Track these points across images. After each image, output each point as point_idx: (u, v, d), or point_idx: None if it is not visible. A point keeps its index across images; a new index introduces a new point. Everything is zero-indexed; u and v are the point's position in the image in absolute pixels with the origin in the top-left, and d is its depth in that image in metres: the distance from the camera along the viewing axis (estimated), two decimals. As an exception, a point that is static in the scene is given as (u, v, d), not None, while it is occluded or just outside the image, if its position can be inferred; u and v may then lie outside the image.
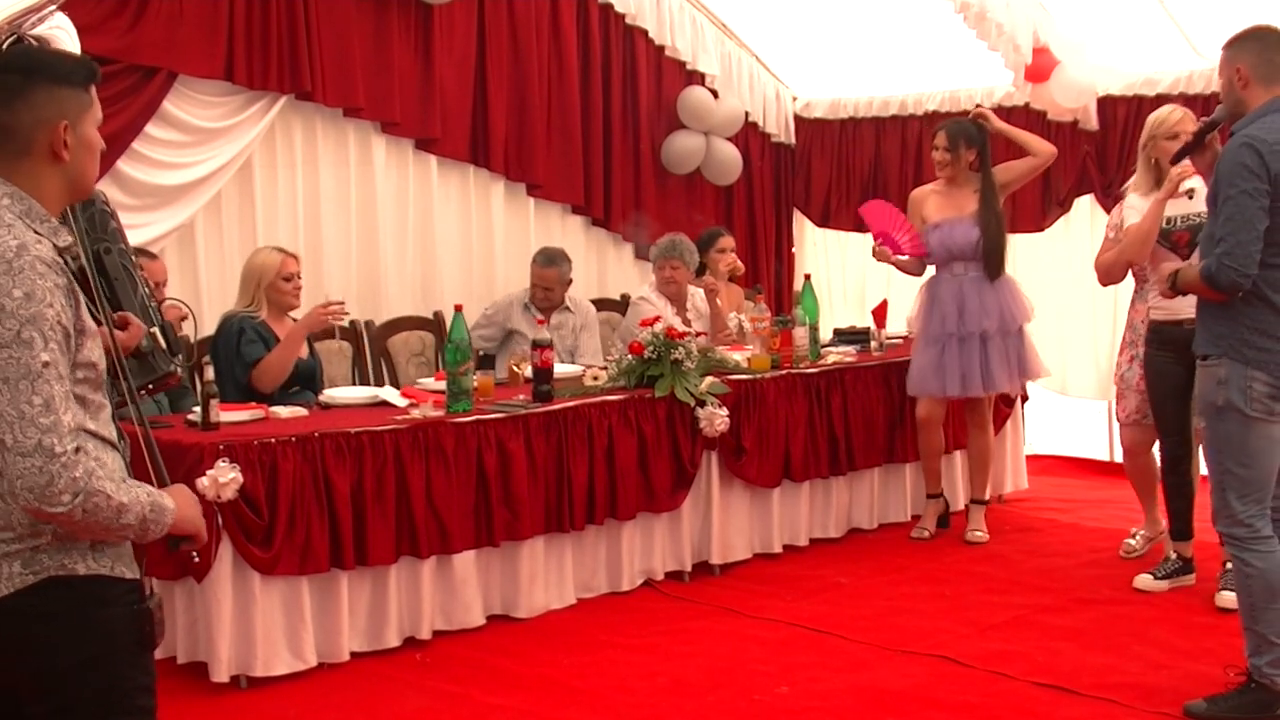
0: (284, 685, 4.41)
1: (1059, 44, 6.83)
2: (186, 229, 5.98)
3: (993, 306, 5.96)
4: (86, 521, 2.10)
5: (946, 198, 6.04)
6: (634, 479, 5.32)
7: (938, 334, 5.98)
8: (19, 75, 2.20)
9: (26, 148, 2.20)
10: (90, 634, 2.20)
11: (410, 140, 6.76)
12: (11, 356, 2.06)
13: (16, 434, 2.05)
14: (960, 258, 5.96)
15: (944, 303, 5.98)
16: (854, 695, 4.27)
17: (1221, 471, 3.90)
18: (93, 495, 2.08)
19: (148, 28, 5.61)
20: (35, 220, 2.19)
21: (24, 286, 2.07)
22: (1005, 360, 6.02)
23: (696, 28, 7.90)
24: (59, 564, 2.17)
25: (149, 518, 2.18)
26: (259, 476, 4.35)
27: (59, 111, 2.21)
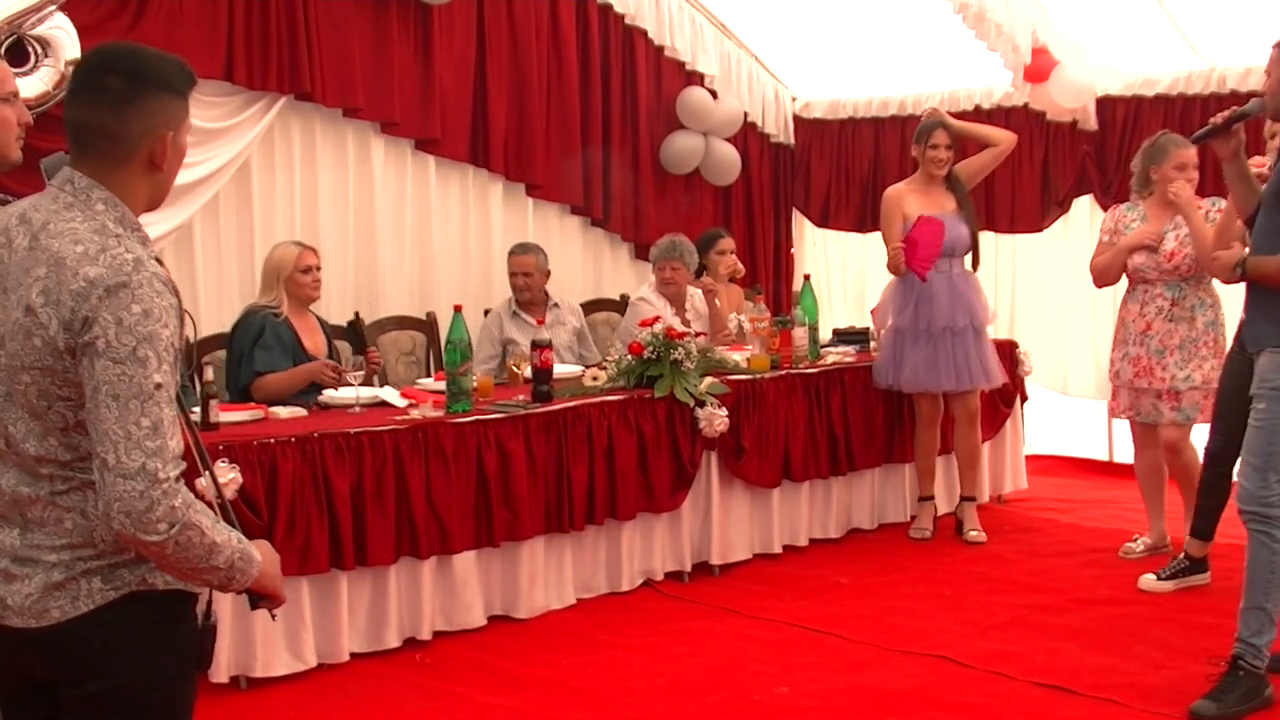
0: (283, 686, 4.41)
1: (1058, 44, 6.83)
2: (184, 230, 5.97)
3: (976, 302, 6.10)
4: (176, 555, 2.01)
5: (925, 196, 6.08)
6: (634, 479, 5.32)
7: (928, 329, 6.01)
8: (125, 79, 2.10)
9: (129, 156, 2.12)
10: (166, 650, 2.15)
11: (409, 140, 6.76)
12: (125, 374, 1.98)
13: (120, 455, 1.97)
14: (948, 254, 6.01)
15: (937, 297, 6.00)
16: (853, 695, 4.27)
17: (1270, 453, 3.93)
18: (188, 528, 2.00)
19: (147, 28, 5.61)
20: (128, 228, 2.10)
21: (143, 303, 2.00)
22: (988, 354, 6.15)
23: (696, 28, 7.90)
24: (139, 579, 2.11)
25: (237, 565, 2.09)
26: (258, 477, 4.34)
27: (166, 121, 2.13)
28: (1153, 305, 5.53)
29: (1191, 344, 5.45)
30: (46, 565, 2.09)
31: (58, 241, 2.05)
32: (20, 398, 2.08)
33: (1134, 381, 5.57)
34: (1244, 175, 4.22)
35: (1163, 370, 5.49)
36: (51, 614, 2.08)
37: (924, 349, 6.03)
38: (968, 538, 6.13)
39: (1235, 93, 6.53)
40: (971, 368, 6.06)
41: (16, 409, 2.09)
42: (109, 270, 2.00)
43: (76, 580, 2.08)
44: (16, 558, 2.11)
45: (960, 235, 6.02)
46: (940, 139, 6.09)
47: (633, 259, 7.87)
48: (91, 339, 1.99)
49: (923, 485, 6.33)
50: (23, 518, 2.11)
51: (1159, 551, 5.71)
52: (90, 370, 1.99)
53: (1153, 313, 5.53)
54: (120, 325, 1.99)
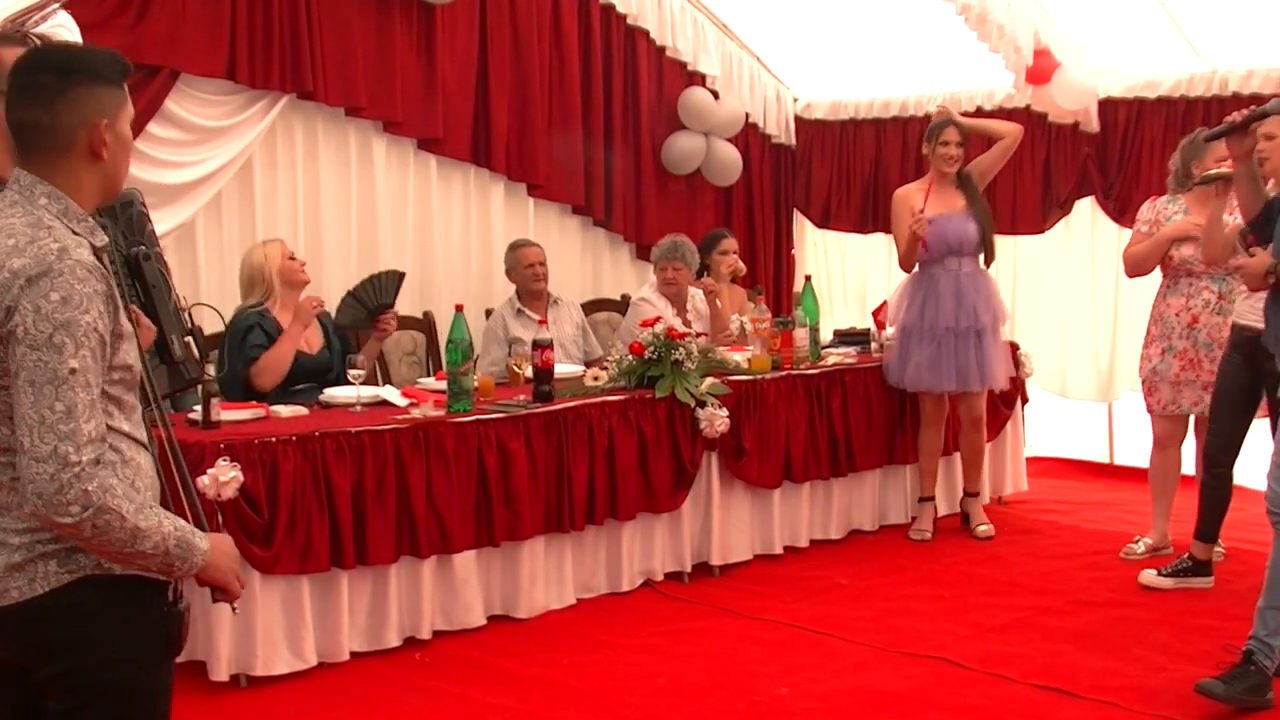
0: (284, 685, 4.41)
1: (1060, 46, 6.84)
2: (186, 228, 5.98)
3: (985, 302, 6.10)
4: (97, 539, 2.06)
5: (936, 195, 6.08)
6: (634, 479, 5.33)
7: (932, 329, 6.05)
8: (55, 74, 2.17)
9: (67, 147, 2.18)
10: (124, 634, 2.18)
11: (411, 140, 6.76)
12: (40, 360, 2.04)
13: (34, 439, 2.03)
14: (956, 252, 6.05)
15: (943, 297, 6.04)
16: (853, 696, 4.27)
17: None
18: (104, 512, 2.04)
19: (150, 26, 5.61)
20: (73, 220, 2.17)
21: (62, 290, 2.05)
22: (997, 355, 6.15)
23: (697, 28, 7.90)
24: (95, 563, 2.14)
25: (173, 552, 2.13)
26: (259, 475, 4.35)
27: (99, 109, 2.19)
28: (1199, 299, 5.50)
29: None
30: (10, 547, 2.14)
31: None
32: None
33: (1180, 375, 5.51)
34: (1253, 176, 4.22)
35: (1211, 364, 5.41)
36: (11, 595, 2.14)
37: (928, 348, 6.06)
38: (976, 533, 6.19)
39: (1237, 95, 6.53)
40: (973, 369, 6.07)
41: None
42: (32, 260, 2.07)
43: (34, 562, 2.13)
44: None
45: (968, 234, 6.04)
46: (950, 136, 6.11)
47: (633, 259, 7.88)
48: (13, 327, 2.06)
49: (924, 485, 6.34)
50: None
51: (1160, 553, 5.71)
52: (12, 357, 2.06)
53: (1199, 306, 5.49)
54: (38, 313, 2.05)
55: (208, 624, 4.32)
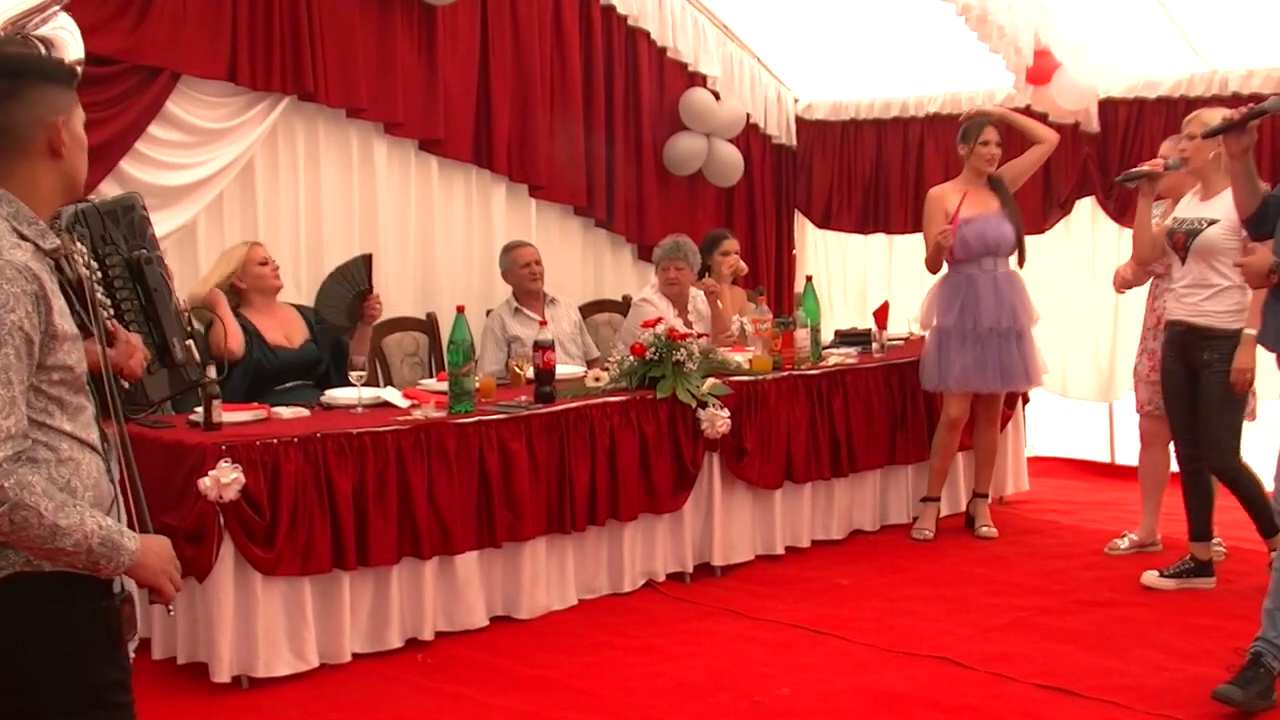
0: (285, 686, 4.41)
1: (1060, 46, 6.84)
2: (188, 229, 5.98)
3: (1024, 302, 6.15)
4: (15, 535, 2.07)
5: (971, 195, 6.08)
6: (636, 480, 5.33)
7: (975, 329, 6.04)
8: (7, 79, 2.20)
9: (25, 147, 2.21)
10: (56, 631, 2.18)
11: (413, 141, 6.76)
12: None
13: None
14: (993, 252, 6.06)
15: (983, 298, 6.05)
16: (855, 697, 4.27)
17: None
18: (20, 508, 2.04)
19: (151, 28, 5.61)
20: (23, 223, 2.19)
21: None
22: (1031, 355, 6.21)
23: (698, 29, 7.91)
24: (24, 560, 2.15)
25: (96, 550, 2.13)
26: (261, 477, 4.35)
27: (52, 108, 2.23)
28: (1163, 300, 5.54)
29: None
30: None
31: None
32: None
33: (1150, 375, 5.60)
34: (1249, 174, 4.19)
35: None
36: None
37: (972, 350, 6.06)
38: (979, 533, 6.20)
39: (1237, 95, 6.52)
40: (1018, 368, 6.14)
41: None
42: None
43: None
44: None
45: (1005, 235, 6.05)
46: (991, 135, 6.10)
47: (635, 260, 7.88)
48: None
49: (931, 485, 6.33)
50: None
51: (1147, 549, 5.75)
52: None
53: (1162, 307, 5.54)
54: None
55: (209, 625, 4.33)
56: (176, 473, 4.34)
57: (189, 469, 4.28)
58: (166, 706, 4.15)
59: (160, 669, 4.50)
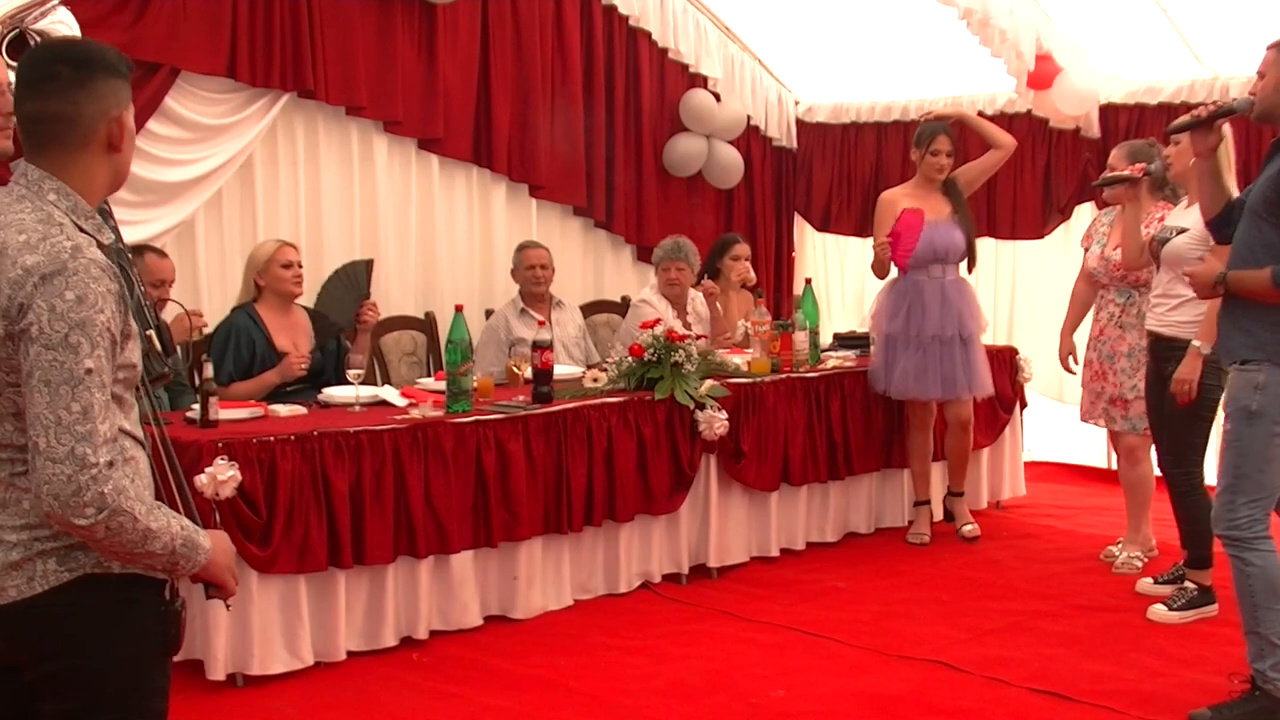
0: (280, 684, 4.41)
1: (1062, 51, 6.84)
2: (187, 226, 5.98)
3: (967, 310, 6.06)
4: (109, 540, 2.04)
5: (922, 201, 5.98)
6: (633, 481, 5.32)
7: (919, 337, 5.98)
8: (72, 66, 2.16)
9: (87, 139, 2.17)
10: (122, 634, 2.17)
11: (413, 140, 6.77)
12: (56, 360, 2.01)
13: (51, 439, 2.00)
14: (942, 259, 5.99)
15: (929, 305, 5.98)
16: (850, 700, 4.27)
17: (1236, 474, 3.87)
18: (118, 514, 2.02)
19: (151, 24, 5.61)
20: (81, 217, 2.15)
21: (77, 289, 2.03)
22: (985, 363, 6.15)
23: (700, 31, 7.91)
24: (95, 561, 2.13)
25: (179, 551, 2.12)
26: (257, 475, 4.34)
27: (116, 101, 2.19)
28: (1105, 310, 5.62)
29: (1141, 352, 5.41)
30: (6, 545, 2.12)
31: (4, 232, 2.10)
32: None
33: (1089, 384, 5.67)
34: (1216, 173, 4.10)
35: (1112, 375, 5.56)
36: (8, 593, 2.11)
37: (914, 356, 6.00)
38: (962, 532, 6.19)
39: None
40: (960, 377, 6.04)
41: None
42: (46, 258, 2.05)
43: (32, 560, 2.11)
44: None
45: (953, 242, 5.97)
46: (942, 145, 6.02)
47: (635, 261, 7.88)
48: (26, 325, 2.03)
49: (918, 489, 6.32)
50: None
51: (1150, 556, 5.73)
52: (25, 355, 2.04)
53: (1105, 318, 5.61)
54: (53, 312, 2.03)
55: (205, 623, 4.32)
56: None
57: (185, 467, 4.25)
58: (161, 703, 4.14)
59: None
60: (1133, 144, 5.64)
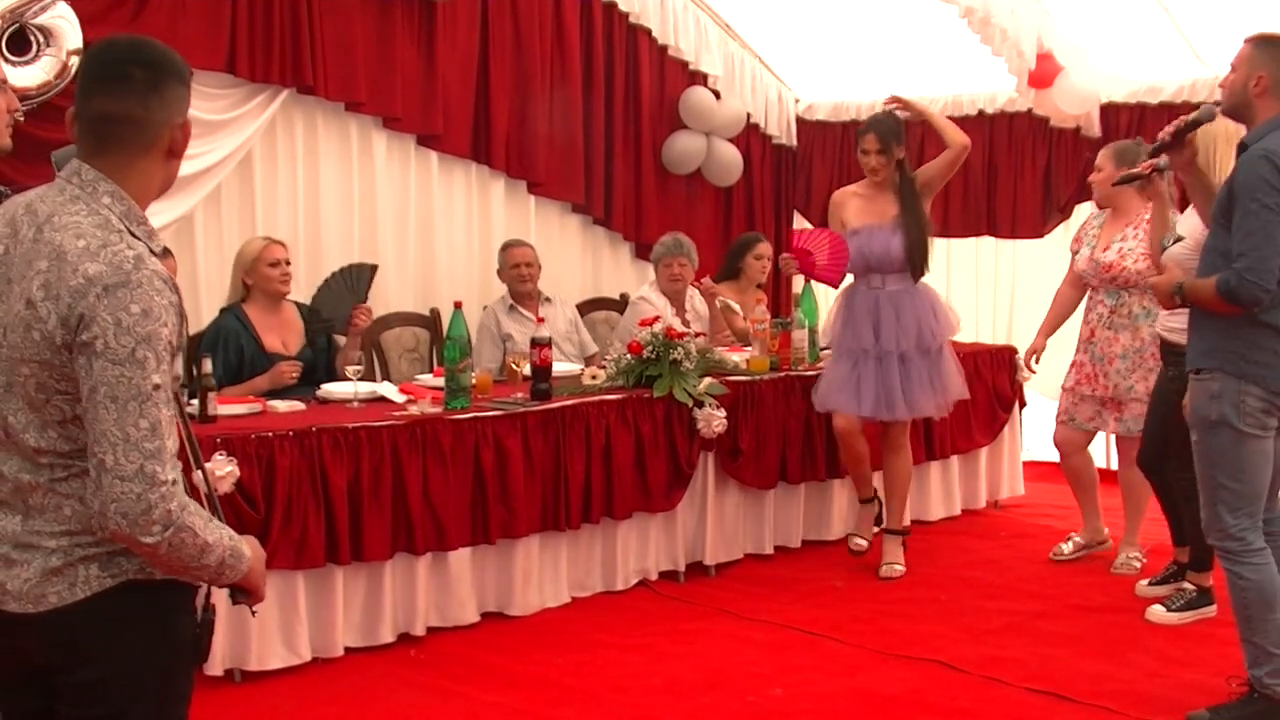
0: (278, 680, 4.40)
1: (1063, 50, 6.83)
2: (185, 221, 5.97)
3: (910, 324, 5.49)
4: (169, 556, 2.03)
5: (869, 202, 5.56)
6: (631, 478, 5.32)
7: (851, 349, 5.55)
8: (146, 69, 2.12)
9: (151, 144, 2.14)
10: (161, 641, 2.15)
11: (412, 136, 6.76)
12: (124, 375, 1.98)
13: (119, 456, 1.97)
14: (878, 269, 5.50)
15: (858, 318, 5.54)
16: (847, 699, 4.27)
17: (1214, 486, 3.88)
18: (182, 531, 2.01)
19: (150, 19, 5.60)
20: (134, 222, 2.11)
21: (142, 302, 1.99)
22: (926, 380, 5.53)
23: (700, 28, 7.90)
24: (137, 567, 2.10)
25: (227, 561, 2.11)
26: (256, 470, 4.34)
27: (182, 109, 2.17)
28: (1094, 312, 5.62)
29: (1135, 354, 5.46)
30: (45, 551, 2.08)
31: (60, 235, 2.05)
32: (20, 389, 2.07)
33: (1077, 387, 5.66)
34: (1203, 186, 4.12)
35: (1104, 378, 5.56)
36: (49, 599, 2.08)
37: (842, 367, 5.58)
38: (883, 572, 5.61)
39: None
40: (896, 396, 5.48)
41: (16, 400, 2.08)
42: (109, 268, 2.00)
43: (74, 566, 2.08)
44: (18, 544, 2.10)
45: (889, 250, 5.45)
46: (869, 144, 5.49)
47: (633, 258, 7.88)
48: (90, 339, 1.98)
49: (860, 489, 5.83)
50: (24, 504, 2.11)
51: (1093, 549, 5.82)
52: (88, 369, 1.99)
53: (1095, 319, 5.61)
54: (119, 326, 1.98)
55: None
56: (171, 465, 4.32)
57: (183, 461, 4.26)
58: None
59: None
60: (1120, 145, 5.67)
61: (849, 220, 5.57)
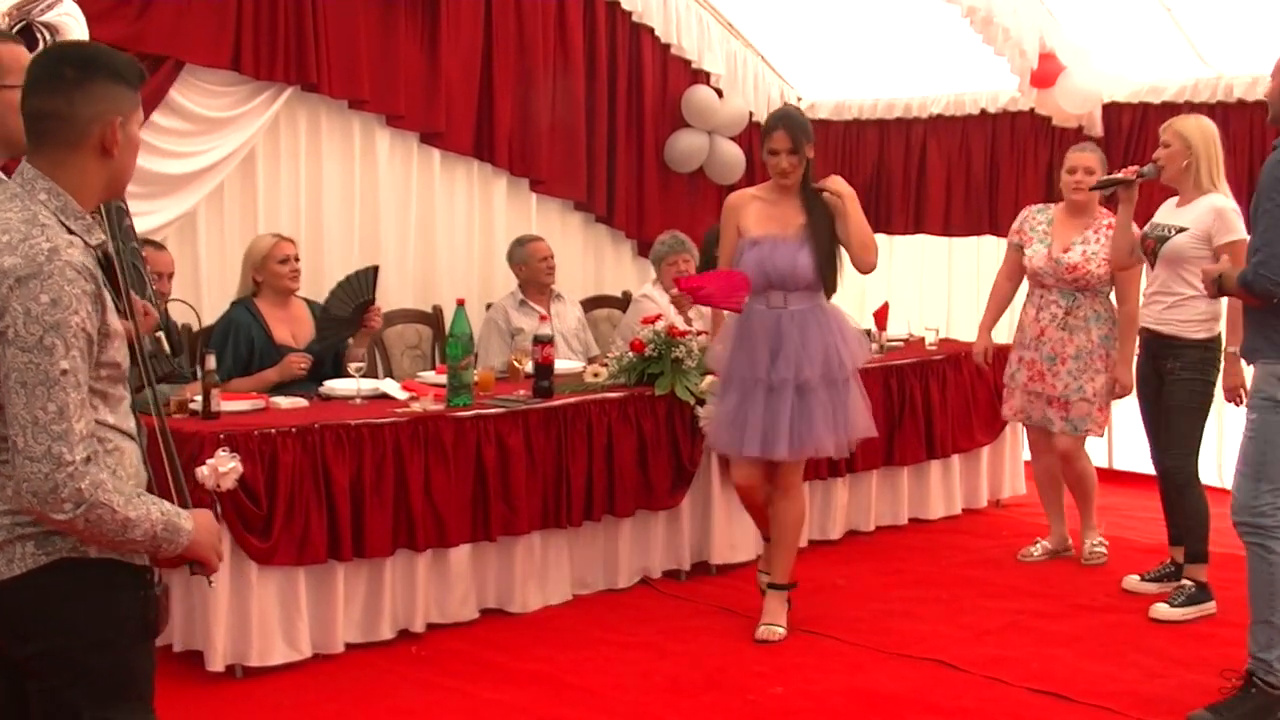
0: (279, 675, 4.41)
1: (1065, 50, 6.83)
2: (188, 218, 5.98)
3: (817, 349, 4.72)
4: (89, 530, 2.12)
5: (772, 208, 4.79)
6: (633, 477, 5.32)
7: (744, 378, 4.76)
8: (76, 67, 2.21)
9: (79, 140, 2.21)
10: (100, 617, 2.22)
11: (415, 134, 6.77)
12: (32, 362, 2.08)
13: (28, 438, 2.08)
14: (780, 285, 4.70)
15: (755, 342, 4.73)
16: (849, 697, 4.27)
17: (1262, 463, 3.90)
18: (96, 507, 2.10)
19: (156, 16, 5.61)
20: (70, 217, 2.20)
21: (51, 292, 2.08)
22: (830, 414, 4.77)
23: (703, 26, 7.90)
24: (72, 545, 2.18)
25: (160, 536, 2.19)
26: (258, 467, 4.34)
27: (115, 106, 2.23)
28: (1047, 311, 5.60)
29: (1087, 355, 5.49)
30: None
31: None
32: None
33: (1027, 385, 5.67)
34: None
35: (1054, 378, 5.57)
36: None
37: (731, 399, 4.82)
38: (757, 634, 4.81)
39: (1242, 101, 6.54)
40: (782, 433, 4.69)
41: None
42: (23, 260, 2.10)
43: (13, 544, 2.17)
44: None
45: (796, 265, 4.68)
46: (779, 143, 4.70)
47: (635, 256, 7.89)
48: (3, 328, 2.09)
49: (761, 529, 5.19)
50: None
51: (1060, 555, 5.82)
52: (2, 357, 2.10)
53: (1047, 319, 5.59)
54: (29, 315, 2.08)
55: (205, 614, 4.33)
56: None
57: (187, 458, 4.26)
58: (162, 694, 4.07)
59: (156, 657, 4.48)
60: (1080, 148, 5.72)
61: (748, 227, 4.78)
